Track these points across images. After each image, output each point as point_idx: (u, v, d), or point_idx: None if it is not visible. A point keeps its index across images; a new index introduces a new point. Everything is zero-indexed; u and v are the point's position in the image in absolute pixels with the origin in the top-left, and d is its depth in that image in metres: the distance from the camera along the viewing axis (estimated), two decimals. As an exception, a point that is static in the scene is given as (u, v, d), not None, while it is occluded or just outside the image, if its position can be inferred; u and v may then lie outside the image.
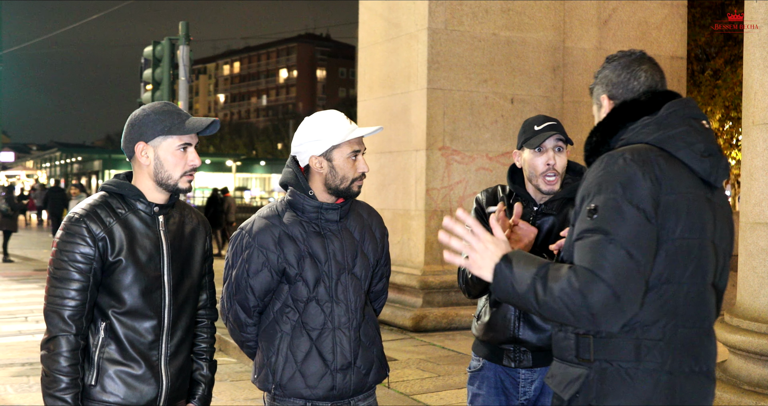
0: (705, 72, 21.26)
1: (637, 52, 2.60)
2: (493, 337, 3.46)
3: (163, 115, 2.90)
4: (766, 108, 5.42)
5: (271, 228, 3.15)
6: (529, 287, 2.24)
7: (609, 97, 2.57)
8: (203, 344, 3.19)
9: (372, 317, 3.32)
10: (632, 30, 11.11)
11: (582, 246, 2.24)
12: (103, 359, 2.84)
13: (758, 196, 5.46)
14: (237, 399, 6.61)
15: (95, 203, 2.88)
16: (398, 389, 6.78)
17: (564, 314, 2.19)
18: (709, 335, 2.41)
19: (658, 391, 2.29)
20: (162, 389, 2.91)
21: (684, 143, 2.38)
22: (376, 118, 10.98)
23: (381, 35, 10.94)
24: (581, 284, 2.15)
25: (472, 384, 3.58)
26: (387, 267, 3.46)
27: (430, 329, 9.43)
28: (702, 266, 2.36)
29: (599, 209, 2.25)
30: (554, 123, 3.44)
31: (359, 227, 3.27)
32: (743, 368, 5.45)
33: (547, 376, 2.52)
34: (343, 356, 3.14)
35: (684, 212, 2.31)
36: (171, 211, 3.01)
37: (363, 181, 3.18)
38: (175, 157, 2.91)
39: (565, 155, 3.44)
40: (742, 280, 5.65)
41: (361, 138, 3.16)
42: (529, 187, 3.50)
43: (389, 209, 10.55)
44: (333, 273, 3.15)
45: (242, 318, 3.23)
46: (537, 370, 3.43)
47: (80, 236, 2.78)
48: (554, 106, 10.53)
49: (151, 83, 12.10)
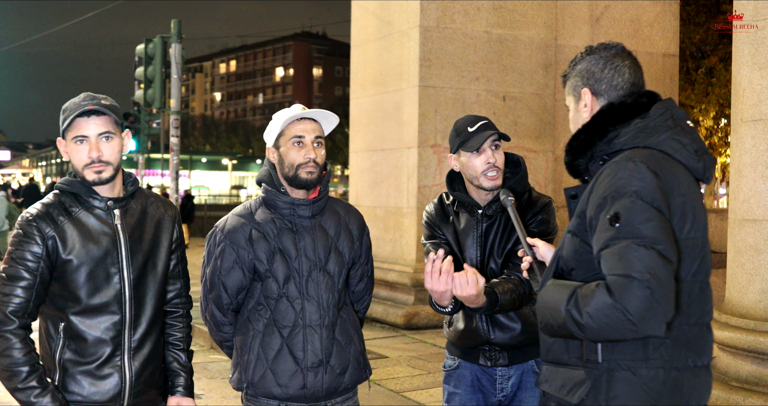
0: (699, 70, 21.29)
1: (617, 45, 2.59)
2: (467, 342, 3.43)
3: (66, 109, 2.89)
4: (754, 105, 5.43)
5: (243, 225, 3.14)
6: (565, 318, 2.24)
7: (592, 92, 2.56)
8: (178, 334, 3.18)
9: (351, 317, 3.28)
10: (624, 27, 11.12)
11: (610, 254, 2.21)
12: (64, 359, 2.85)
13: (746, 193, 5.48)
14: (228, 397, 6.61)
15: (48, 202, 2.89)
16: (388, 386, 6.78)
17: (608, 332, 2.17)
18: (709, 330, 2.44)
19: (666, 388, 2.31)
20: (126, 383, 2.91)
21: (680, 144, 2.39)
22: (369, 116, 10.99)
23: (373, 33, 10.94)
24: (617, 295, 2.13)
25: (448, 383, 3.53)
26: (368, 266, 3.40)
27: (421, 326, 9.44)
28: (705, 263, 2.39)
29: (621, 216, 2.22)
30: (486, 121, 3.39)
31: (334, 224, 3.23)
32: (732, 365, 5.46)
33: (540, 381, 2.52)
34: (314, 354, 3.10)
35: (689, 212, 2.33)
36: (130, 203, 2.99)
37: (314, 168, 3.11)
38: (73, 150, 2.88)
39: (502, 152, 3.38)
40: (730, 277, 5.67)
41: (309, 125, 3.12)
42: (470, 190, 3.42)
43: (381, 206, 10.55)
44: (303, 270, 3.12)
45: (218, 317, 3.21)
46: (513, 367, 3.41)
47: (30, 235, 2.80)
48: (546, 104, 10.53)
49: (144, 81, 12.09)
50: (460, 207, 3.46)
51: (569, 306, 2.22)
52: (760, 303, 5.34)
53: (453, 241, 3.44)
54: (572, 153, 2.53)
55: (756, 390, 5.19)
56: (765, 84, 5.36)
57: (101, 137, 2.86)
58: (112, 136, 2.88)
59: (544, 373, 2.51)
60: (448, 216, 3.48)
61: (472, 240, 3.39)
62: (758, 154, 5.39)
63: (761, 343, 5.19)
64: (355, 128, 11.46)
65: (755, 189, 5.40)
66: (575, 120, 2.62)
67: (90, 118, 2.85)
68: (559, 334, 2.33)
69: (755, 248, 5.38)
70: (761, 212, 5.35)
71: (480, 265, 3.37)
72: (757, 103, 5.40)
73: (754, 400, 5.09)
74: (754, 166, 5.42)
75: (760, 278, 5.34)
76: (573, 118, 2.63)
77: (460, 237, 3.42)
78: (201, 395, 6.60)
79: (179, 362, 3.16)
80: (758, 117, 5.39)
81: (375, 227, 10.60)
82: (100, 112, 2.85)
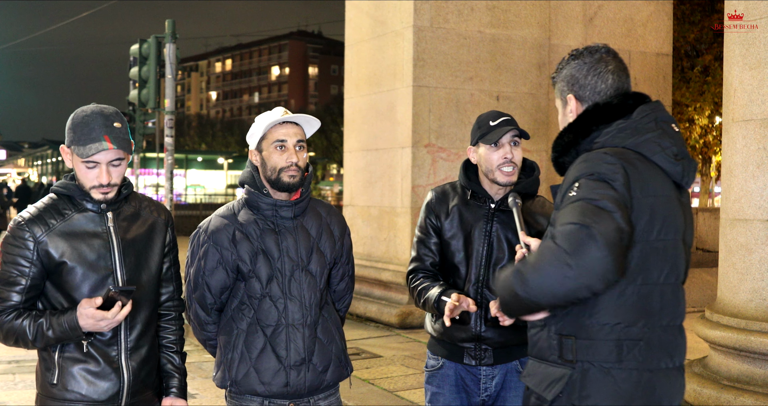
0: (694, 68, 21.31)
1: (601, 48, 2.61)
2: (453, 335, 3.44)
3: (79, 125, 2.87)
4: (745, 105, 5.45)
5: (226, 226, 3.20)
6: (513, 279, 2.28)
7: (576, 98, 2.61)
8: (172, 337, 3.21)
9: (333, 316, 3.34)
10: (618, 27, 11.14)
11: (561, 214, 2.28)
12: (63, 358, 2.89)
13: (738, 192, 5.50)
14: (221, 396, 6.61)
15: (42, 206, 2.92)
16: (382, 386, 6.80)
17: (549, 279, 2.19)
18: (681, 332, 2.48)
19: (639, 389, 2.35)
20: (124, 383, 2.94)
21: (659, 147, 2.43)
22: (363, 116, 11.01)
23: (367, 33, 10.96)
24: (559, 239, 2.18)
25: (430, 383, 3.55)
26: (349, 266, 3.47)
27: (416, 325, 9.45)
28: (676, 266, 2.43)
29: (580, 186, 2.29)
30: (509, 118, 3.45)
31: (316, 225, 3.29)
32: (723, 364, 5.49)
33: (524, 375, 2.56)
34: (297, 353, 3.16)
35: (660, 214, 2.37)
36: (123, 206, 3.02)
37: (296, 172, 3.15)
38: (80, 171, 2.91)
39: (520, 149, 3.44)
40: (722, 276, 5.69)
41: (291, 129, 3.15)
42: (484, 182, 3.48)
43: (375, 206, 10.57)
44: (286, 270, 3.17)
45: (201, 316, 3.28)
46: (498, 366, 3.44)
47: (22, 239, 2.84)
48: (540, 104, 10.55)
49: (138, 81, 12.09)
50: (472, 198, 3.50)
51: (515, 268, 2.29)
52: (751, 302, 5.37)
53: (457, 230, 3.47)
54: (557, 151, 2.60)
55: (747, 389, 5.22)
56: (756, 84, 5.39)
57: (111, 163, 2.89)
58: (122, 160, 2.92)
59: (528, 367, 2.56)
60: (449, 204, 3.52)
61: (480, 232, 3.43)
62: (749, 154, 5.41)
63: (752, 342, 5.22)
64: (349, 128, 11.47)
65: (746, 189, 5.43)
66: (563, 123, 2.68)
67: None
68: (512, 307, 2.36)
69: (746, 248, 5.41)
70: (752, 211, 5.37)
71: (486, 259, 3.41)
72: (748, 103, 5.43)
73: (745, 399, 5.12)
74: (745, 166, 5.44)
75: (751, 278, 5.36)
76: (561, 121, 2.70)
77: (467, 228, 3.46)
78: (195, 394, 6.61)
79: (173, 363, 3.19)
80: (749, 117, 5.41)
81: (369, 227, 10.61)
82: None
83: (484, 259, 3.41)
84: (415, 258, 3.56)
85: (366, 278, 10.28)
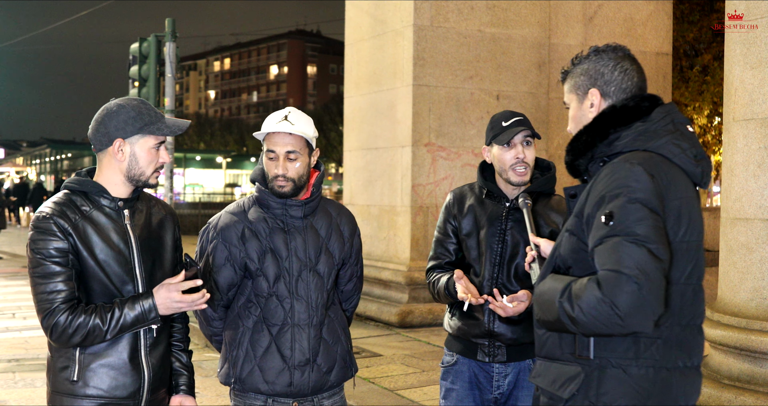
0: (693, 68, 21.33)
1: (623, 47, 2.62)
2: (467, 331, 3.49)
3: (141, 113, 2.94)
4: (746, 104, 5.46)
5: (236, 223, 3.20)
6: (558, 311, 2.29)
7: (601, 94, 2.58)
8: (178, 335, 3.22)
9: (339, 316, 3.34)
10: (617, 26, 11.15)
11: (602, 250, 2.26)
12: (84, 354, 2.87)
13: (738, 192, 5.50)
14: (222, 394, 6.63)
15: (60, 200, 2.90)
16: (382, 385, 6.81)
17: (598, 326, 2.21)
18: (700, 332, 2.48)
19: (656, 387, 2.35)
20: (144, 379, 2.95)
21: (679, 149, 2.43)
22: (362, 115, 11.01)
23: (367, 32, 10.96)
24: (606, 290, 2.17)
25: (445, 379, 3.61)
26: (358, 267, 3.47)
27: (416, 324, 9.47)
28: (698, 266, 2.43)
29: (615, 214, 2.27)
30: (521, 118, 3.48)
31: (326, 225, 3.29)
32: (723, 363, 5.49)
33: (533, 375, 2.56)
34: (302, 353, 3.17)
35: (685, 216, 2.38)
36: (136, 204, 3.03)
37: (284, 182, 3.17)
38: (150, 155, 2.96)
39: (533, 149, 3.48)
40: (722, 275, 5.69)
41: (283, 139, 3.14)
42: (500, 182, 3.53)
43: (375, 205, 10.57)
44: (294, 269, 3.18)
45: (208, 312, 3.29)
46: (511, 364, 3.47)
47: (50, 231, 2.80)
48: (540, 103, 10.56)
49: (138, 80, 12.08)
50: (488, 197, 3.55)
51: (562, 299, 2.27)
52: (751, 301, 5.37)
53: (473, 228, 3.54)
54: (573, 153, 2.57)
55: (747, 388, 5.22)
56: (757, 83, 5.39)
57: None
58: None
59: (537, 368, 2.55)
60: (465, 204, 3.59)
61: (494, 231, 3.48)
62: (750, 154, 5.42)
63: (753, 341, 5.22)
64: (348, 127, 11.47)
65: (747, 188, 5.43)
66: (578, 118, 2.63)
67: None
68: (554, 327, 2.37)
69: (747, 247, 5.41)
70: (753, 210, 5.38)
71: (499, 257, 3.45)
72: (749, 102, 5.43)
73: (745, 398, 5.12)
74: (746, 166, 5.44)
75: (752, 277, 5.37)
76: (575, 117, 2.65)
77: (482, 226, 3.51)
78: (196, 392, 6.61)
79: (181, 361, 3.21)
80: (750, 116, 5.41)
81: (369, 226, 10.62)
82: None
83: (498, 256, 3.45)
84: (433, 257, 3.65)
85: (366, 277, 10.26)
